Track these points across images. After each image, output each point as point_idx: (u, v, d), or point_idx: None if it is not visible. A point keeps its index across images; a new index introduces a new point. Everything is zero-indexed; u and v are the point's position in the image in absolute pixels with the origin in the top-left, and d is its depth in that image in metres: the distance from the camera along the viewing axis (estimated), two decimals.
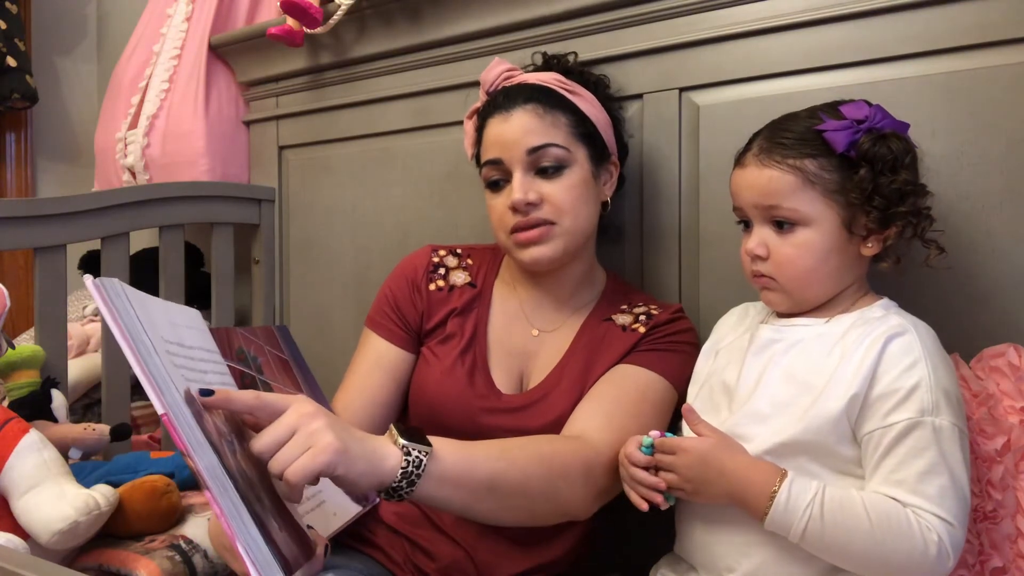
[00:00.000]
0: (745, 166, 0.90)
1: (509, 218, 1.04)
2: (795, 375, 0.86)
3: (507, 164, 1.04)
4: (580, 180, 1.05)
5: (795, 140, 0.87)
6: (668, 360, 1.04)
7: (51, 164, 2.41)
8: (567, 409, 1.02)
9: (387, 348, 1.13)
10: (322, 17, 1.52)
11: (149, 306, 0.74)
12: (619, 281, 1.17)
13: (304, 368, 1.07)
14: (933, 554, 0.76)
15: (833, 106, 0.89)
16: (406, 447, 0.78)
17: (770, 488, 0.79)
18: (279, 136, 1.77)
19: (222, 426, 0.75)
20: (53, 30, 2.40)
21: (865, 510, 0.77)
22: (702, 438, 0.86)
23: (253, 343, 0.96)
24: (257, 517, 0.70)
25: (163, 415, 0.65)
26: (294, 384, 1.01)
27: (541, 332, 1.11)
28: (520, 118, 1.04)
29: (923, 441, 0.78)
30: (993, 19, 0.96)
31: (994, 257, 0.97)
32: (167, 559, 1.07)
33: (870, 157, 0.84)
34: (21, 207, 1.38)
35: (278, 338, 1.04)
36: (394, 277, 1.18)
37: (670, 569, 0.95)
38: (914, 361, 0.80)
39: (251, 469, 0.75)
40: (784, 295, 0.90)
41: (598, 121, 1.09)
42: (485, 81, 1.12)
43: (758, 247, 0.89)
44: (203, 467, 0.66)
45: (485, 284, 1.15)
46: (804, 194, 0.86)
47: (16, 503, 1.03)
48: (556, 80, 1.09)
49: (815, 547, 0.79)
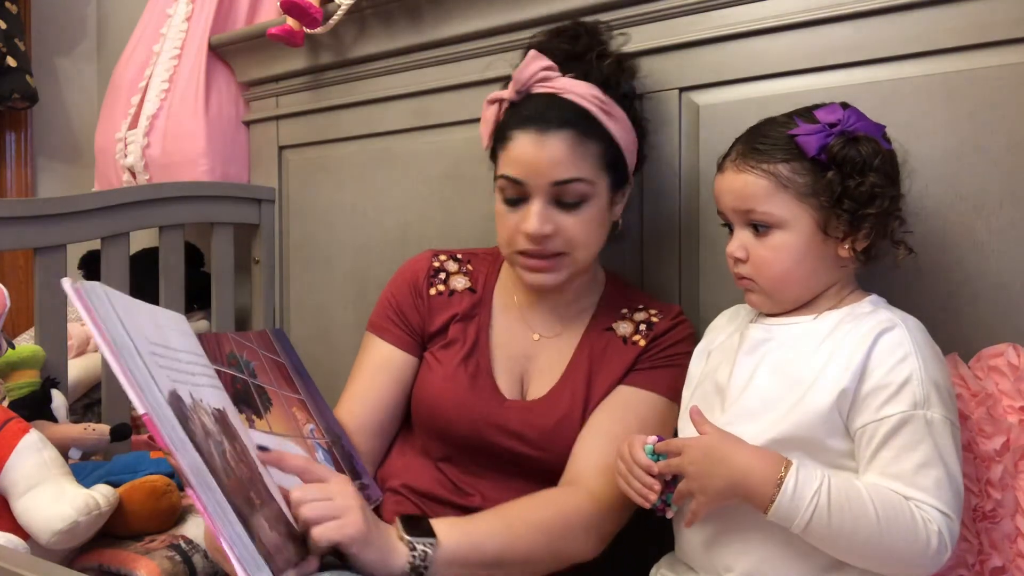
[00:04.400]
0: (725, 171, 0.92)
1: (520, 240, 1.02)
2: (785, 372, 0.87)
3: (529, 188, 1.01)
4: (597, 212, 1.03)
5: (770, 145, 0.89)
6: (667, 377, 1.05)
7: (51, 164, 2.41)
8: (568, 415, 1.04)
9: (391, 352, 1.13)
10: (322, 17, 1.52)
11: (134, 309, 0.75)
12: (618, 282, 1.17)
13: (302, 371, 1.07)
14: (935, 546, 0.76)
15: (809, 110, 0.90)
16: (411, 543, 0.83)
17: (776, 475, 0.79)
18: (279, 136, 1.77)
19: (211, 426, 0.75)
20: (53, 30, 2.40)
21: (871, 501, 0.77)
22: (704, 435, 0.85)
23: (246, 348, 0.96)
24: (243, 515, 0.70)
25: (144, 415, 0.65)
26: (291, 387, 1.01)
27: (542, 337, 1.11)
28: (554, 146, 0.98)
29: (917, 434, 0.79)
30: (993, 19, 0.96)
31: (994, 257, 0.97)
32: (167, 559, 1.07)
33: (839, 160, 0.86)
34: (21, 207, 1.38)
35: (273, 342, 1.04)
36: (395, 282, 1.17)
37: (669, 569, 0.95)
38: (905, 355, 0.81)
39: (242, 469, 0.76)
40: (764, 296, 0.91)
41: (626, 146, 1.05)
42: (517, 79, 1.03)
43: (737, 250, 0.91)
44: (185, 465, 0.67)
45: (485, 290, 1.15)
46: (777, 197, 0.87)
47: (16, 503, 1.03)
48: (594, 99, 1.01)
49: (818, 537, 0.79)
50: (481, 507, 1.04)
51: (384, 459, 1.14)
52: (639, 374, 1.06)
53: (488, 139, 1.08)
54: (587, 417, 1.05)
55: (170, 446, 0.66)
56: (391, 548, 0.82)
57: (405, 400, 1.13)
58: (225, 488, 0.70)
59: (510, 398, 1.08)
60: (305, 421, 1.00)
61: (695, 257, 1.19)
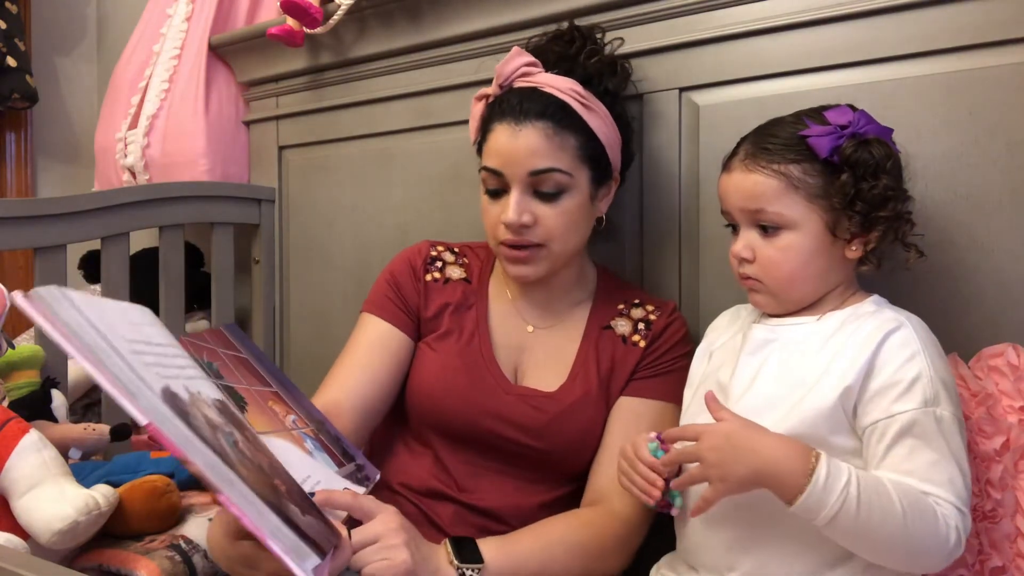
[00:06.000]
0: (732, 171, 0.92)
1: (501, 231, 1.04)
2: (788, 372, 0.87)
3: (507, 178, 1.03)
4: (576, 205, 1.04)
5: (780, 145, 0.88)
6: (671, 382, 1.06)
7: (51, 164, 2.41)
8: (573, 408, 1.05)
9: (389, 330, 1.12)
10: (322, 17, 1.52)
11: (103, 307, 0.68)
12: (610, 276, 1.18)
13: (266, 363, 1.03)
14: (953, 541, 0.77)
15: (818, 111, 0.90)
16: (460, 569, 0.88)
17: (807, 466, 0.76)
18: (279, 136, 1.77)
19: (216, 418, 0.72)
20: (53, 30, 2.40)
21: (896, 496, 0.76)
22: (723, 422, 0.82)
23: (205, 349, 0.91)
24: (273, 505, 0.67)
25: (147, 425, 0.61)
26: (259, 380, 0.96)
27: (536, 329, 1.12)
28: (528, 136, 1.00)
29: (928, 431, 0.79)
30: (993, 19, 0.96)
31: (994, 257, 0.97)
32: (167, 559, 1.07)
33: (852, 162, 0.86)
34: (21, 207, 1.38)
35: (230, 338, 1.00)
36: (395, 263, 1.18)
37: (670, 569, 0.95)
38: (913, 353, 0.81)
39: (260, 457, 0.73)
40: (770, 296, 0.91)
41: (607, 140, 1.06)
42: (500, 74, 1.06)
43: (744, 250, 0.91)
44: (205, 467, 0.63)
45: (481, 281, 1.16)
46: (788, 198, 0.87)
47: (16, 503, 1.03)
48: (573, 92, 1.03)
49: (842, 530, 0.76)
50: (479, 503, 1.05)
51: (382, 459, 1.14)
52: (644, 383, 1.07)
53: (475, 134, 1.10)
54: (597, 413, 1.06)
55: (184, 452, 0.62)
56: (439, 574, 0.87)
57: (399, 382, 1.12)
58: (247, 481, 0.66)
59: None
60: (285, 413, 0.96)
61: (695, 257, 1.19)
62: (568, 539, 0.97)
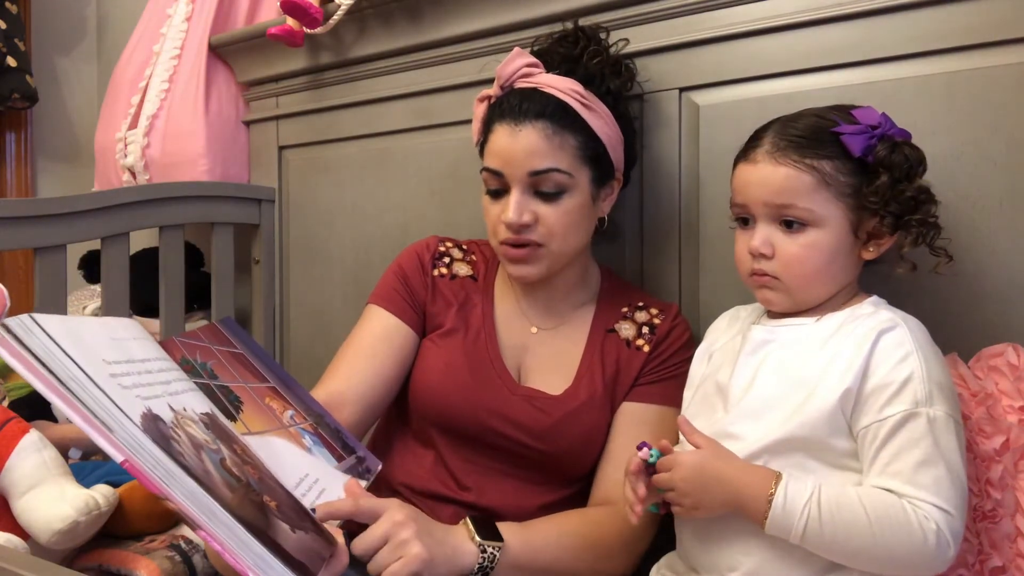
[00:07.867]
0: (756, 162, 0.89)
1: (502, 230, 1.04)
2: (788, 373, 0.87)
3: (507, 179, 1.03)
4: (577, 205, 1.03)
5: (811, 140, 0.86)
6: (673, 387, 1.06)
7: (51, 164, 2.41)
8: (578, 412, 1.05)
9: (395, 324, 1.12)
10: (322, 17, 1.52)
11: (80, 330, 0.67)
12: (614, 278, 1.18)
13: (262, 355, 1.01)
14: (933, 543, 0.76)
15: (844, 109, 0.89)
16: (482, 545, 0.89)
17: (766, 491, 0.80)
18: (279, 136, 1.77)
19: (201, 436, 0.70)
20: (53, 30, 2.40)
21: (862, 506, 0.77)
22: (695, 451, 0.86)
23: (199, 348, 0.90)
24: (258, 528, 0.66)
25: (123, 462, 0.59)
26: (256, 376, 0.95)
27: (540, 330, 1.12)
28: (528, 136, 1.01)
29: (918, 432, 0.78)
30: (993, 19, 0.96)
31: (994, 257, 0.97)
32: (167, 559, 1.07)
33: (888, 164, 0.85)
34: (21, 207, 1.38)
35: (224, 332, 0.98)
36: (403, 256, 1.18)
37: (670, 569, 0.95)
38: (906, 354, 0.81)
39: (248, 471, 0.72)
40: (785, 295, 0.90)
41: (608, 141, 1.06)
42: (501, 75, 1.06)
43: (763, 245, 0.88)
44: (184, 500, 0.61)
45: (487, 279, 1.16)
46: (819, 195, 0.85)
47: (16, 503, 1.03)
48: (573, 92, 1.03)
49: (816, 546, 0.79)
50: (477, 503, 1.05)
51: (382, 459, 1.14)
52: (648, 388, 1.07)
53: (477, 135, 1.11)
54: (601, 417, 1.06)
55: (164, 489, 0.60)
56: (462, 553, 0.88)
57: (401, 376, 1.11)
58: (230, 506, 0.65)
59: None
60: (283, 409, 0.95)
61: (695, 257, 1.19)
62: (582, 532, 0.98)
